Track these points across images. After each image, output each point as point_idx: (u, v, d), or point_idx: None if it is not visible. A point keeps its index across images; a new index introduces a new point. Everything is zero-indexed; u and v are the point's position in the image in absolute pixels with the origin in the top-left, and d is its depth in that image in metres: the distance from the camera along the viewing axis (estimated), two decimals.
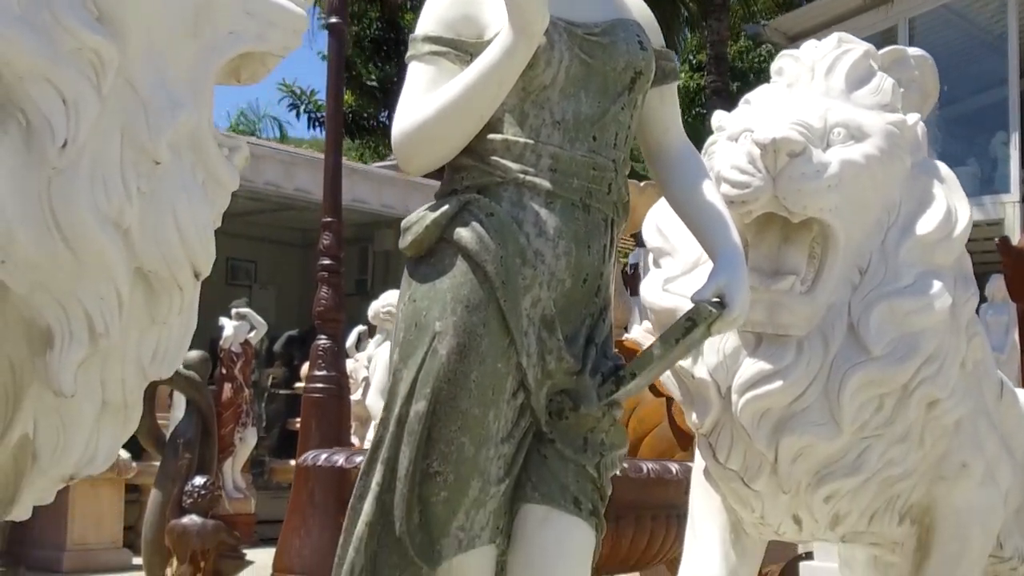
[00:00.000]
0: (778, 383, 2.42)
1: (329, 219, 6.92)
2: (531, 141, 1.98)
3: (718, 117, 2.66)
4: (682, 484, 3.80)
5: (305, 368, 9.96)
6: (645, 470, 3.68)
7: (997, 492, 2.73)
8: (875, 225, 2.50)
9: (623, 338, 5.58)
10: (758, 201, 2.38)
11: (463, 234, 1.95)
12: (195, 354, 7.59)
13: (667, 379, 2.62)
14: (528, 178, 1.97)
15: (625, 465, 3.78)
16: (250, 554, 8.55)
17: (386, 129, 22.29)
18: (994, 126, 15.30)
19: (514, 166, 1.98)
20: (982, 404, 2.72)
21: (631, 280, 8.48)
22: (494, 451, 1.95)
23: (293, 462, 8.31)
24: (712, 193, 2.17)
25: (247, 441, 10.73)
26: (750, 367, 2.45)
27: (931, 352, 2.46)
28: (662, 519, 3.79)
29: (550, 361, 1.97)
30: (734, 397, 2.46)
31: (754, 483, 2.51)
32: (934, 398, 2.49)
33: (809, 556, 5.91)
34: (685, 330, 2.00)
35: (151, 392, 7.19)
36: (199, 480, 6.36)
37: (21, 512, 1.38)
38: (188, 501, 6.28)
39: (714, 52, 16.35)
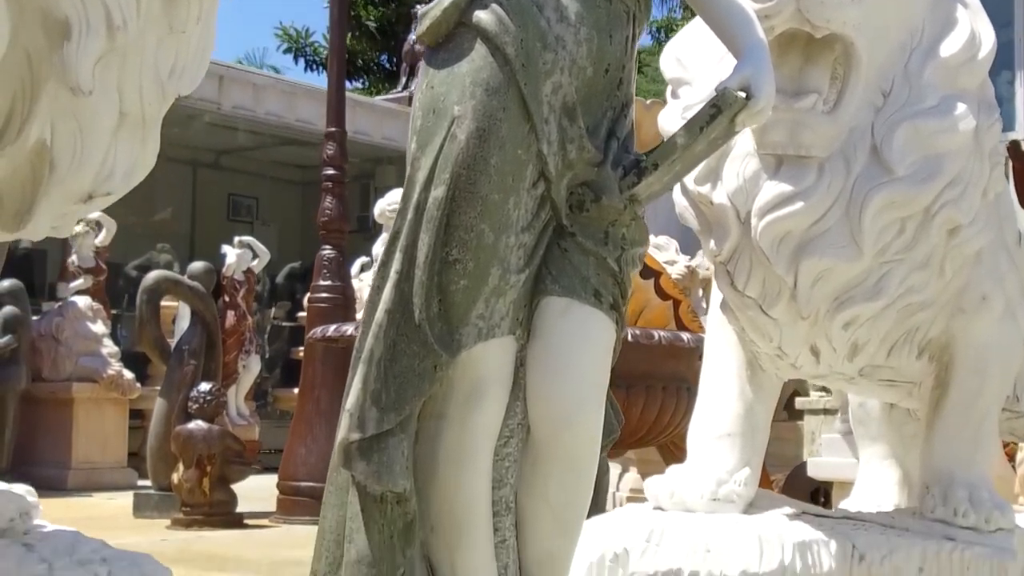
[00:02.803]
0: (799, 204, 2.39)
1: (333, 128, 6.87)
2: None
3: None
4: (694, 354, 3.79)
5: (307, 300, 9.95)
6: (657, 338, 3.66)
7: (1017, 329, 2.71)
8: (898, 47, 2.46)
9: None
10: (780, 15, 2.34)
11: (482, 16, 1.90)
12: (199, 265, 7.58)
13: (684, 209, 2.58)
14: None
15: (636, 332, 3.77)
16: (254, 480, 8.62)
17: (387, 71, 22.15)
18: (1000, 66, 15.24)
19: None
20: (1002, 239, 2.69)
21: None
22: (514, 239, 1.91)
23: (296, 390, 8.31)
24: None
25: (251, 369, 10.73)
26: (770, 189, 2.41)
27: (954, 175, 2.43)
28: (672, 390, 3.77)
29: (571, 150, 1.93)
30: (753, 221, 2.43)
31: (772, 310, 2.48)
32: (956, 223, 2.46)
33: None
34: (710, 117, 1.95)
35: (156, 305, 7.18)
36: (204, 386, 6.36)
37: (37, 229, 1.35)
38: (194, 407, 6.28)
39: None
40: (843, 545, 2.44)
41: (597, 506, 2.72)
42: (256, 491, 7.80)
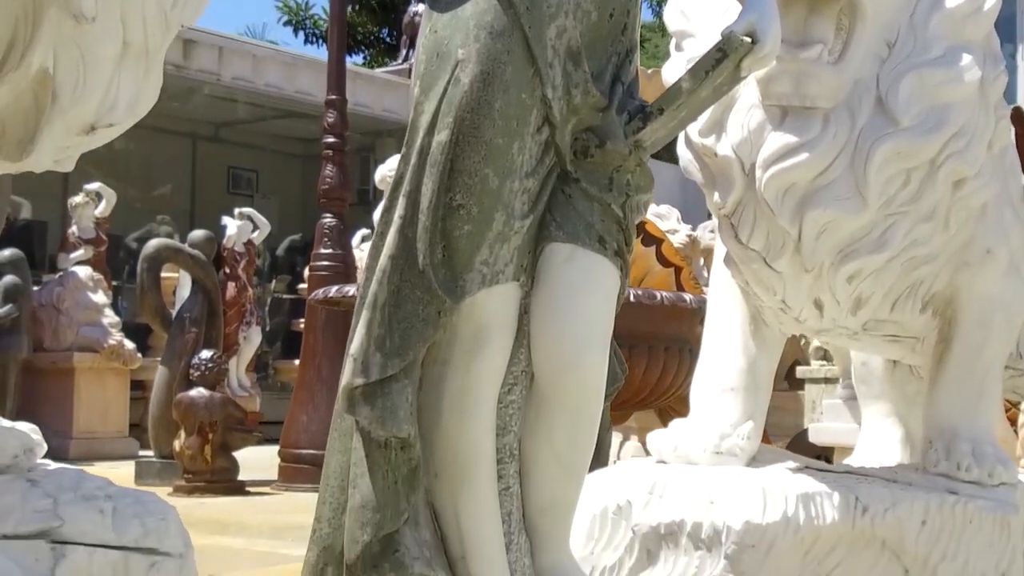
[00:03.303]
0: (804, 155, 2.38)
1: (333, 96, 6.85)
2: None
3: None
4: (696, 316, 3.79)
5: (307, 273, 9.92)
6: (659, 298, 3.65)
7: (1021, 283, 2.70)
8: None
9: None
10: None
11: None
12: (200, 233, 7.57)
13: (688, 162, 2.57)
14: None
15: (639, 292, 3.77)
16: (255, 451, 8.63)
17: (387, 45, 22.07)
18: (1002, 38, 15.19)
19: None
20: (1007, 193, 2.68)
21: None
22: (518, 185, 1.90)
23: (297, 361, 8.32)
24: None
25: (251, 340, 10.73)
26: (775, 141, 2.40)
27: (960, 126, 2.42)
28: (674, 352, 3.77)
29: (576, 95, 1.92)
30: (758, 172, 2.42)
31: (776, 263, 2.48)
32: (961, 175, 2.45)
33: None
34: (715, 61, 1.94)
35: (156, 273, 7.17)
36: (206, 354, 6.36)
37: (40, 160, 1.34)
38: (195, 374, 6.28)
39: None
40: (846, 497, 2.44)
41: (600, 463, 2.72)
42: (257, 461, 7.83)
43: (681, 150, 2.58)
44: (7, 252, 8.05)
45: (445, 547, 1.94)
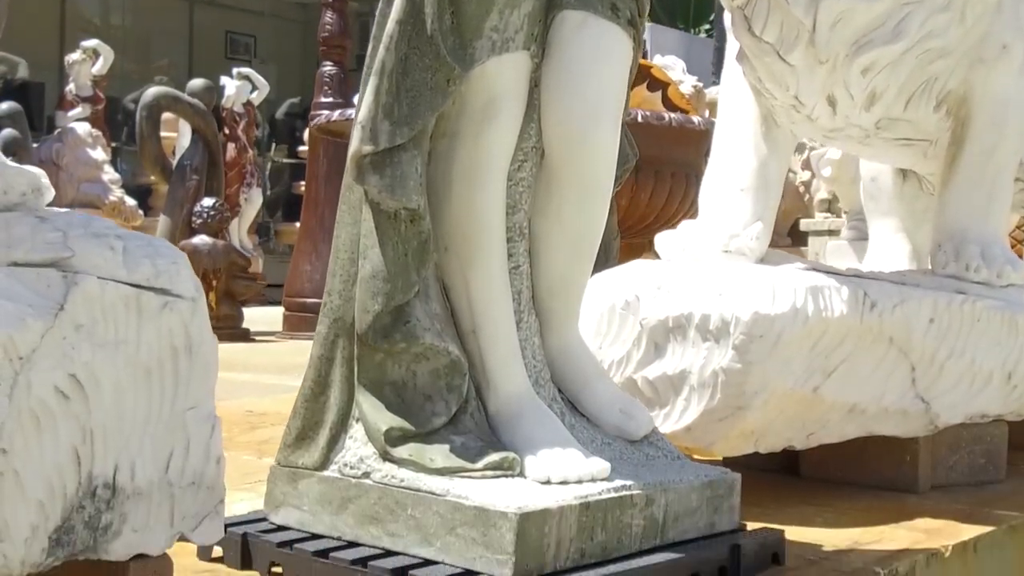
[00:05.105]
0: None
1: None
2: None
3: None
4: (704, 139, 3.75)
5: (307, 134, 9.81)
6: (667, 120, 3.61)
7: None
8: None
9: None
10: None
11: None
12: (199, 82, 7.48)
13: None
14: None
15: (647, 113, 3.72)
16: (259, 311, 8.63)
17: None
18: None
19: None
20: None
21: None
22: None
23: (298, 224, 8.28)
24: None
25: (253, 202, 10.69)
26: None
27: None
28: (681, 177, 3.73)
29: None
30: None
31: (790, 55, 2.43)
32: None
33: None
34: None
35: (156, 121, 7.09)
36: (208, 201, 6.32)
37: None
38: (197, 222, 6.26)
39: None
40: (855, 292, 2.43)
41: (607, 266, 2.71)
42: (263, 317, 7.87)
43: None
44: (5, 105, 7.96)
45: (455, 321, 1.93)
